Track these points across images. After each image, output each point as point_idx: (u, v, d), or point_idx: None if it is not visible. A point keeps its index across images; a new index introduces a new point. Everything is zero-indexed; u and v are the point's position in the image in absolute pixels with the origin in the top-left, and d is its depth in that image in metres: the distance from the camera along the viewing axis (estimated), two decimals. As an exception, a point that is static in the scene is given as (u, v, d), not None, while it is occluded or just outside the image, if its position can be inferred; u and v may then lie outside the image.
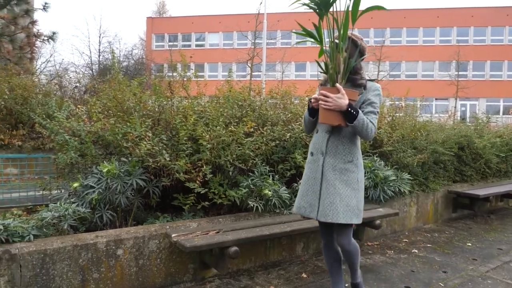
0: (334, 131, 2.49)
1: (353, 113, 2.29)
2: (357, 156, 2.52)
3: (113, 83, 4.44)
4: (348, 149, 2.48)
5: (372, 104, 2.46)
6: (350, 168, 2.47)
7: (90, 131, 3.59)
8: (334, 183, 2.44)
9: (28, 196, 4.27)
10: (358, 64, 2.49)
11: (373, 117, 2.41)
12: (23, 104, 6.99)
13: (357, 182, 2.49)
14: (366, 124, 2.33)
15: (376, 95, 2.50)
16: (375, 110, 2.46)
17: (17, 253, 2.65)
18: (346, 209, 2.41)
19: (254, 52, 19.06)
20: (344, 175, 2.46)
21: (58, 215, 2.97)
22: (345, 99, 2.26)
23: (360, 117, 2.31)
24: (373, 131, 2.38)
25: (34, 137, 6.67)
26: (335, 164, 2.47)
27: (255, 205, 3.65)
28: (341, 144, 2.48)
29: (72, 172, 3.73)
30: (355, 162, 2.50)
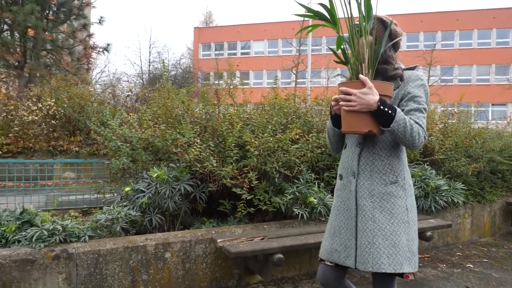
0: (366, 142, 1.83)
1: (388, 112, 1.61)
2: (403, 175, 1.82)
3: (162, 92, 4.62)
4: (389, 165, 1.79)
5: (415, 99, 1.76)
6: (395, 191, 1.78)
7: (141, 138, 3.75)
8: (372, 215, 1.76)
9: (84, 199, 4.52)
10: (389, 50, 1.87)
11: (419, 116, 1.72)
12: (80, 112, 7.45)
13: (406, 211, 1.79)
14: (410, 126, 1.64)
15: (419, 85, 1.81)
16: (420, 106, 1.75)
17: (74, 252, 2.80)
18: (393, 251, 1.72)
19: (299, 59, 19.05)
20: (386, 202, 1.77)
21: (111, 217, 3.11)
22: (374, 95, 1.60)
23: (400, 117, 1.62)
24: (421, 135, 1.68)
25: (89, 143, 7.07)
26: (372, 188, 1.79)
27: (300, 213, 3.62)
28: (378, 159, 1.80)
29: (124, 176, 3.90)
30: (402, 183, 1.80)
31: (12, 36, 12.32)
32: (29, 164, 4.83)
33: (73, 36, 13.63)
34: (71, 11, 13.20)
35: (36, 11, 11.27)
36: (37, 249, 2.73)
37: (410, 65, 1.94)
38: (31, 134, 7.08)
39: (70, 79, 9.44)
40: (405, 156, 1.88)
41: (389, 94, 1.71)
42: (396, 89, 1.82)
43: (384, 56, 1.82)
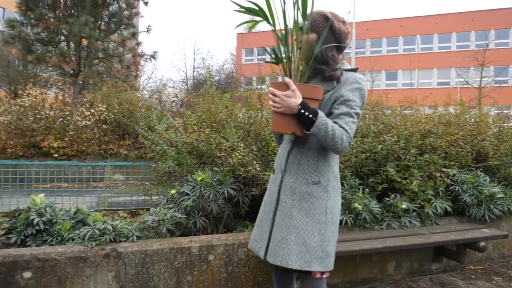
0: (297, 141, 1.83)
1: (308, 116, 1.61)
2: (327, 177, 1.80)
3: (206, 97, 4.72)
4: (315, 166, 1.79)
5: (347, 103, 1.71)
6: (315, 192, 1.78)
7: (186, 142, 3.85)
8: (290, 212, 1.79)
9: (132, 200, 4.70)
10: (330, 50, 1.78)
11: (347, 121, 1.68)
12: (129, 117, 7.78)
13: (325, 212, 1.78)
14: (332, 131, 1.61)
15: (353, 89, 1.75)
16: (351, 110, 1.71)
17: (123, 251, 2.92)
18: (303, 249, 1.74)
19: (342, 62, 18.75)
20: (305, 201, 1.77)
21: (157, 219, 3.21)
22: (297, 98, 1.61)
23: (321, 122, 1.61)
24: (344, 140, 1.64)
25: (137, 147, 7.36)
26: (294, 186, 1.80)
27: (344, 219, 3.55)
28: (305, 158, 1.80)
29: (170, 179, 4.02)
30: (324, 185, 1.79)
31: (68, 46, 13.12)
32: (82, 166, 5.11)
33: (123, 44, 14.30)
34: (121, 21, 13.86)
35: (90, 22, 11.94)
36: (89, 247, 2.88)
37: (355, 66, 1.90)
38: (85, 138, 7.49)
39: (120, 86, 9.91)
40: (334, 158, 1.87)
41: (317, 97, 1.69)
42: (331, 91, 1.78)
43: (323, 56, 1.78)
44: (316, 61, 1.77)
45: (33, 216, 3.17)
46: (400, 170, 3.94)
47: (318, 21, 1.78)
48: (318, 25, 1.78)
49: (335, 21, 1.80)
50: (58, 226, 3.15)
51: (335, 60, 1.80)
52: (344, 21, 1.83)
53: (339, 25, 1.81)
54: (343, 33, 1.83)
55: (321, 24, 1.77)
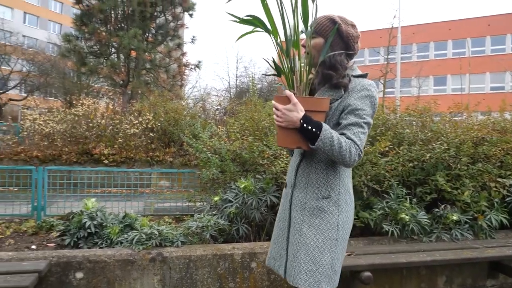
0: (306, 154, 1.75)
1: (312, 130, 1.54)
2: (337, 190, 1.72)
3: (249, 105, 4.77)
4: (324, 179, 1.70)
5: (355, 112, 1.62)
6: (326, 207, 1.69)
7: (229, 150, 3.90)
8: (300, 228, 1.71)
9: (177, 206, 4.82)
10: (339, 55, 1.68)
11: (356, 132, 1.59)
12: (175, 125, 8.02)
13: (337, 228, 1.69)
14: (339, 144, 1.53)
15: (362, 97, 1.64)
16: (360, 120, 1.61)
17: (168, 256, 2.99)
18: (313, 268, 1.66)
19: (387, 68, 18.29)
20: (316, 217, 1.70)
21: (201, 225, 3.27)
22: (298, 111, 1.54)
23: (325, 135, 1.53)
24: (353, 153, 1.55)
25: (182, 154, 7.56)
26: (305, 201, 1.73)
27: (391, 230, 3.43)
28: (314, 172, 1.72)
29: (214, 186, 4.08)
30: (335, 199, 1.70)
31: (118, 58, 13.80)
32: (130, 172, 5.31)
33: (169, 55, 14.82)
34: (167, 33, 14.38)
35: (138, 35, 12.50)
36: (136, 251, 2.98)
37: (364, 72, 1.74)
38: (133, 145, 7.79)
39: (166, 95, 10.24)
40: (346, 171, 1.76)
41: (322, 109, 1.61)
42: (338, 100, 1.67)
43: (331, 61, 1.67)
44: (324, 66, 1.68)
45: (85, 219, 3.34)
46: (451, 179, 3.75)
47: (325, 25, 1.69)
48: (325, 29, 1.68)
49: (343, 25, 1.69)
50: (108, 229, 3.29)
51: (343, 66, 1.69)
52: (353, 24, 1.73)
53: (347, 29, 1.70)
54: (352, 36, 1.71)
55: (328, 28, 1.68)
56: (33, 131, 8.12)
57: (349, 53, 1.72)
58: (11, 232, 4.12)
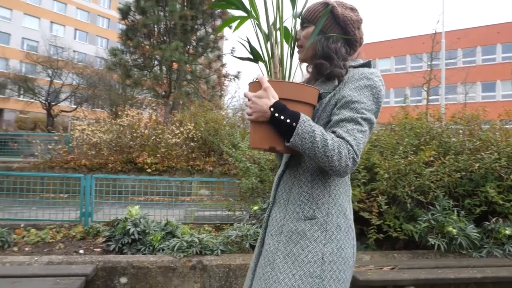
0: (291, 161, 1.37)
1: (285, 121, 1.17)
2: (325, 210, 1.28)
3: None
4: (308, 194, 1.29)
5: (350, 105, 1.24)
6: (308, 231, 1.26)
7: (268, 159, 3.90)
8: (273, 259, 1.28)
9: (217, 215, 4.87)
10: (333, 42, 1.35)
11: (350, 130, 1.19)
12: (215, 135, 8.14)
13: (321, 261, 1.23)
14: (323, 142, 1.14)
15: (361, 87, 1.27)
16: (356, 115, 1.22)
17: (208, 264, 3.03)
18: None
19: (430, 74, 17.69)
20: (294, 244, 1.27)
21: (241, 234, 3.29)
22: (269, 98, 1.19)
23: (304, 128, 1.15)
24: (343, 156, 1.15)
25: (222, 163, 7.65)
26: (282, 223, 1.31)
27: (437, 243, 3.28)
28: (297, 185, 1.32)
29: (253, 196, 4.10)
30: (322, 221, 1.27)
31: (160, 70, 14.30)
32: (171, 181, 5.45)
33: (209, 66, 15.17)
34: (207, 45, 14.73)
35: (179, 47, 12.90)
36: (177, 258, 3.04)
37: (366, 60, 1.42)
38: (174, 154, 8.00)
39: (206, 105, 10.44)
40: (340, 185, 1.32)
41: (305, 100, 1.23)
42: (331, 93, 1.31)
43: (324, 49, 1.34)
44: (317, 56, 1.36)
45: (129, 226, 3.45)
46: (503, 191, 3.54)
47: (318, 10, 1.37)
48: (318, 15, 1.36)
49: (339, 7, 1.37)
50: (150, 236, 3.38)
51: (340, 55, 1.33)
52: (352, 8, 1.41)
53: (344, 11, 1.37)
54: (350, 20, 1.37)
55: (320, 13, 1.36)
56: (82, 141, 8.54)
57: (349, 41, 1.38)
58: (61, 236, 4.34)
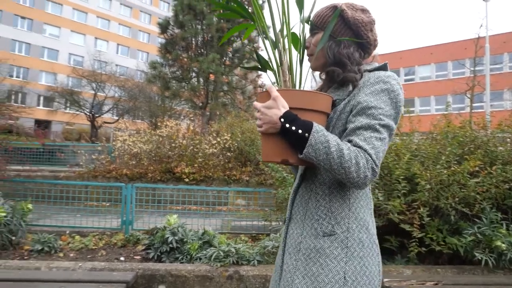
0: (307, 174, 1.29)
1: (297, 132, 1.09)
2: (346, 225, 1.19)
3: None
4: (327, 208, 1.21)
5: (367, 112, 1.14)
6: (328, 248, 1.17)
7: (304, 169, 3.87)
8: (292, 279, 1.20)
9: (253, 225, 4.88)
10: (346, 47, 1.26)
11: (368, 138, 1.10)
12: (251, 145, 8.19)
13: (343, 281, 1.15)
14: (338, 151, 1.06)
15: (377, 91, 1.17)
16: (373, 122, 1.12)
17: (244, 274, 3.03)
18: None
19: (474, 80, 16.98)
20: (313, 263, 1.18)
21: (277, 245, 3.27)
22: (279, 108, 1.12)
23: (317, 139, 1.07)
24: (361, 165, 1.06)
25: (258, 173, 7.67)
26: (300, 240, 1.23)
27: (484, 258, 3.11)
28: (314, 199, 1.23)
29: (289, 206, 4.07)
30: (342, 237, 1.18)
31: (198, 82, 14.63)
32: (209, 191, 5.52)
33: (245, 77, 15.35)
34: (243, 56, 14.93)
35: (216, 59, 13.17)
36: (214, 268, 3.06)
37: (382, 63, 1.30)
38: (211, 164, 8.11)
39: (243, 116, 10.54)
40: (360, 198, 1.23)
41: (318, 108, 1.16)
42: (345, 100, 1.22)
43: (335, 55, 1.25)
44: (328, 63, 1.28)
45: (168, 235, 3.52)
46: (557, 204, 3.32)
47: (327, 15, 1.29)
48: (327, 20, 1.28)
49: (348, 10, 1.28)
50: (188, 245, 3.44)
51: (353, 60, 1.25)
52: (363, 9, 1.32)
53: (355, 14, 1.28)
54: (362, 23, 1.27)
55: (330, 18, 1.28)
56: (123, 151, 8.86)
57: (362, 44, 1.30)
58: (103, 244, 4.50)
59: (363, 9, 1.32)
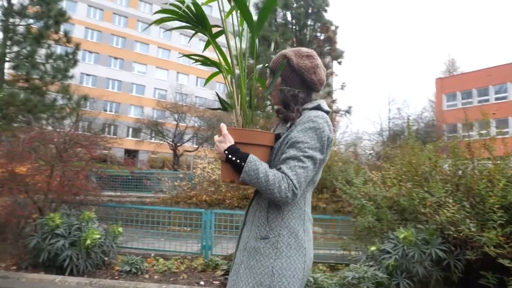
0: (258, 191, 1.60)
1: (236, 161, 1.46)
2: (278, 231, 1.52)
3: (405, 148, 4.49)
4: (265, 217, 1.55)
5: (296, 145, 1.48)
6: (262, 249, 1.51)
7: (385, 196, 3.70)
8: (238, 270, 1.56)
9: (331, 254, 4.72)
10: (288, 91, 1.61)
11: (292, 166, 1.44)
12: (327, 171, 8.04)
13: (271, 274, 1.48)
14: (265, 177, 1.42)
15: (306, 129, 1.50)
16: (299, 153, 1.46)
17: (324, 306, 2.92)
18: None
19: None
20: (252, 258, 1.53)
21: (358, 276, 3.12)
22: (226, 142, 1.50)
23: (250, 167, 1.43)
24: (283, 188, 1.41)
25: (335, 200, 7.48)
26: (247, 241, 1.59)
27: None
28: (259, 209, 1.58)
29: (369, 235, 3.89)
30: (274, 241, 1.51)
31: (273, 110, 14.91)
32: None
33: (325, 103, 15.32)
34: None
35: (291, 86, 13.36)
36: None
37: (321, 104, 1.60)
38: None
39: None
40: (293, 210, 1.54)
41: (258, 143, 1.53)
42: (285, 134, 1.56)
43: (283, 96, 1.61)
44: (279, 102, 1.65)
45: (246, 261, 3.55)
46: None
47: (279, 62, 1.64)
48: (278, 66, 1.63)
49: (294, 58, 1.61)
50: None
51: (297, 100, 1.60)
52: (308, 55, 1.63)
53: (299, 61, 1.61)
54: (305, 68, 1.60)
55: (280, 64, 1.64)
56: (203, 178, 9.23)
57: (307, 85, 1.62)
58: (184, 267, 4.67)
59: (308, 55, 1.63)
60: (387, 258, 3.25)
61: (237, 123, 1.65)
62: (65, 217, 4.45)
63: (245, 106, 1.64)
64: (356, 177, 4.28)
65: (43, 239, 4.23)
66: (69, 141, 5.19)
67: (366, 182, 4.23)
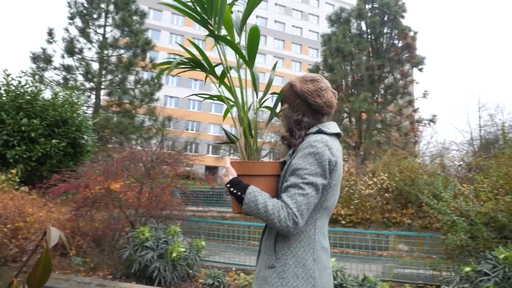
0: None
1: (237, 194, 1.49)
2: (284, 261, 1.50)
3: (501, 158, 4.08)
4: (272, 247, 1.54)
5: (296, 172, 1.46)
6: (269, 277, 1.51)
7: (480, 212, 3.38)
8: None
9: (419, 274, 4.41)
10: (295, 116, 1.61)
11: (292, 194, 1.42)
12: (411, 184, 7.59)
13: None
14: (264, 207, 1.42)
15: (305, 155, 1.47)
16: (299, 181, 1.43)
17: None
18: None
19: None
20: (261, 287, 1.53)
21: (451, 299, 2.86)
22: (229, 175, 1.53)
23: (250, 198, 1.45)
24: (282, 217, 1.40)
25: (421, 216, 7.00)
26: (259, 269, 1.59)
27: None
28: (268, 239, 1.58)
29: (463, 254, 3.57)
30: (279, 270, 1.49)
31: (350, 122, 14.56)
32: (367, 234, 5.27)
33: (400, 113, 14.60)
34: (397, 91, 14.33)
35: (368, 98, 12.95)
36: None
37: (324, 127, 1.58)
38: (368, 206, 7.78)
39: (400, 154, 9.94)
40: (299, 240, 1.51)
41: (260, 173, 1.55)
42: (289, 160, 1.55)
43: (288, 123, 1.64)
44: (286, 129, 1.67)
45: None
46: None
47: (286, 90, 1.68)
48: (287, 94, 1.67)
49: (298, 83, 1.63)
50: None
51: (302, 125, 1.61)
52: (312, 79, 1.63)
53: (302, 85, 1.62)
54: (308, 92, 1.60)
55: (288, 92, 1.67)
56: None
57: (313, 109, 1.61)
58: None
59: (312, 79, 1.64)
60: (485, 281, 2.94)
61: (242, 154, 1.69)
62: (153, 230, 4.76)
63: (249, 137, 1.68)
64: (445, 190, 3.97)
65: (135, 251, 4.55)
66: (155, 159, 5.58)
67: (456, 196, 3.91)
